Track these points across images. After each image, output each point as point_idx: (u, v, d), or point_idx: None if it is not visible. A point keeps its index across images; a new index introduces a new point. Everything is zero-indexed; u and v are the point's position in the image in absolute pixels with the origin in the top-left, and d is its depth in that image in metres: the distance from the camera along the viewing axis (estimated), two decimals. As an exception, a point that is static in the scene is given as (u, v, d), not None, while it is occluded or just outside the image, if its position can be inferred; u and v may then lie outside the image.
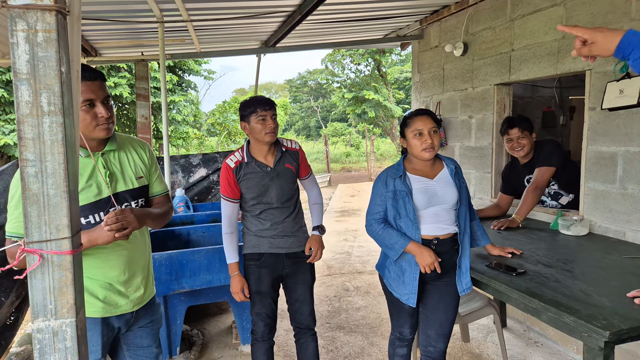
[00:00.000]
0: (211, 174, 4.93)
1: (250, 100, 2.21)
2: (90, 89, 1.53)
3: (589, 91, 2.85)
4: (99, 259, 1.66)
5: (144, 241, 1.85)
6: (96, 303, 1.68)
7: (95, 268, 1.66)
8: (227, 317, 3.84)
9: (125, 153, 1.76)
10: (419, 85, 4.92)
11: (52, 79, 0.98)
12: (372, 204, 2.15)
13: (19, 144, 0.99)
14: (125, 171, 1.73)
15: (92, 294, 1.67)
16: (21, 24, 0.94)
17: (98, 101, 1.56)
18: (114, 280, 1.70)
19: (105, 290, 1.69)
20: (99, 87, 1.57)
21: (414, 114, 2.09)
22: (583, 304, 1.69)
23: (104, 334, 1.72)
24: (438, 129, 2.06)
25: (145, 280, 1.83)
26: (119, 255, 1.70)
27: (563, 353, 3.03)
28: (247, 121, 2.21)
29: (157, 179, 1.88)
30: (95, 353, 1.71)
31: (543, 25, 3.16)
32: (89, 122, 1.55)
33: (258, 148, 2.27)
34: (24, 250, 1.07)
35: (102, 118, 1.57)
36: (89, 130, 1.57)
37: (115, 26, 3.73)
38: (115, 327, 1.77)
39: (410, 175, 2.08)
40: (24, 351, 3.21)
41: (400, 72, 24.81)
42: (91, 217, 1.61)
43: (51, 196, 1.04)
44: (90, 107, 1.54)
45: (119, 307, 1.73)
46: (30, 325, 3.05)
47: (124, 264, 1.72)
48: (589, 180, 2.91)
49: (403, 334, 2.21)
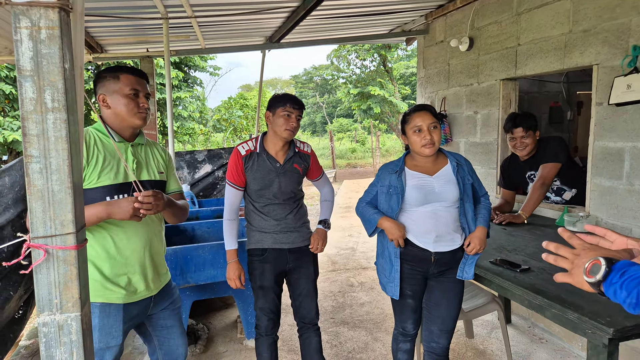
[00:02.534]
0: (216, 170, 4.95)
1: (283, 95, 2.26)
2: (137, 82, 1.80)
3: (596, 86, 2.82)
4: (120, 246, 1.78)
5: (161, 228, 1.98)
6: (118, 290, 1.78)
7: (116, 255, 1.77)
8: (232, 311, 3.86)
9: (150, 149, 1.96)
10: (424, 81, 4.90)
11: (55, 75, 0.99)
12: (366, 191, 2.22)
13: (23, 140, 1.00)
14: (149, 164, 1.92)
15: (114, 281, 1.78)
16: (25, 21, 0.95)
17: (142, 93, 1.81)
18: (134, 267, 1.82)
19: (126, 276, 1.80)
20: (144, 83, 1.84)
21: (412, 110, 2.07)
22: (587, 300, 1.68)
23: (125, 320, 1.82)
24: (439, 124, 2.04)
25: (161, 266, 1.97)
26: (138, 241, 1.82)
27: (568, 349, 3.02)
28: (273, 112, 2.25)
29: (173, 177, 2.05)
30: (117, 338, 1.81)
31: (550, 20, 3.13)
32: (132, 107, 1.78)
33: (273, 142, 2.29)
34: (29, 245, 1.08)
35: (143, 107, 1.81)
36: (130, 115, 1.78)
37: (120, 22, 3.74)
38: (135, 313, 1.87)
39: (408, 172, 2.07)
40: (32, 344, 3.25)
41: (406, 67, 24.70)
42: (116, 197, 1.76)
43: (56, 192, 1.05)
44: (135, 97, 1.78)
45: (138, 293, 1.84)
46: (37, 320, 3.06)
47: (143, 250, 1.84)
48: (595, 176, 2.89)
49: (406, 329, 2.22)
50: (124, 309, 1.81)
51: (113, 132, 1.80)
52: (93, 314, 1.76)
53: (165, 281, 2.01)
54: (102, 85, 1.76)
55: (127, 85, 1.76)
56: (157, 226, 1.94)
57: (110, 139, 1.78)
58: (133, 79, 1.79)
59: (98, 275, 1.76)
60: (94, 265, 1.76)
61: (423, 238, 2.06)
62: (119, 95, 1.75)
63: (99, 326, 1.76)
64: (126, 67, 1.81)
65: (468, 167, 2.11)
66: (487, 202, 2.15)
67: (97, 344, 1.77)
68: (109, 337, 1.78)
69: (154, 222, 1.91)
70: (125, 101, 1.76)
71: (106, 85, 1.76)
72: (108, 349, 1.79)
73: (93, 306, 1.76)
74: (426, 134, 1.99)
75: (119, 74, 1.77)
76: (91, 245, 1.74)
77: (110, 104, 1.76)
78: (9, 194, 2.60)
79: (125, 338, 1.87)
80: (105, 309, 1.77)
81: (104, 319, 1.77)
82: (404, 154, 2.17)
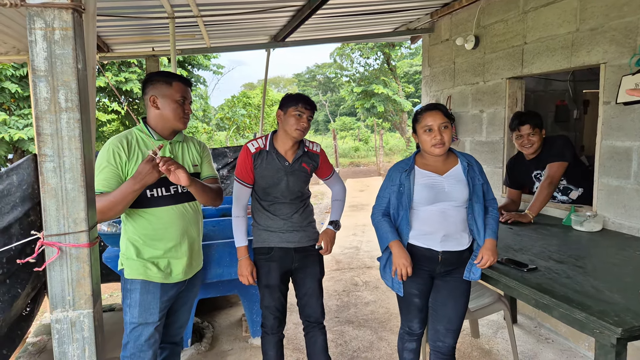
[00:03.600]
0: (221, 169, 4.96)
1: (296, 95, 2.27)
2: (185, 90, 2.01)
3: (604, 85, 2.81)
4: (158, 234, 1.97)
5: (197, 219, 2.14)
6: (157, 270, 1.97)
7: (154, 241, 1.97)
8: (237, 310, 3.88)
9: (187, 145, 2.13)
10: (429, 79, 4.89)
11: (69, 75, 1.00)
12: (379, 195, 2.21)
13: (36, 139, 1.01)
14: (185, 158, 2.10)
15: (153, 262, 1.97)
16: (39, 22, 0.96)
17: (187, 101, 2.02)
18: (171, 252, 2.00)
19: (165, 260, 1.99)
20: (190, 92, 2.04)
21: (424, 109, 2.07)
22: (595, 300, 1.68)
23: (163, 300, 2.01)
24: (450, 124, 2.04)
25: (197, 254, 2.16)
26: (175, 230, 2.00)
27: (574, 350, 3.02)
28: (284, 110, 2.25)
29: (207, 164, 2.21)
30: (154, 315, 1.99)
31: (557, 18, 3.12)
32: (179, 112, 1.98)
33: (283, 140, 2.29)
34: (43, 243, 1.09)
35: (187, 113, 2.03)
36: (176, 119, 1.98)
37: (127, 22, 3.76)
38: (171, 294, 2.05)
39: (418, 170, 2.08)
40: (39, 341, 3.27)
41: (409, 65, 24.67)
42: (155, 190, 1.95)
43: (69, 190, 1.06)
44: (182, 103, 1.99)
45: (174, 276, 2.03)
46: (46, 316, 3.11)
47: (180, 237, 2.02)
48: (602, 176, 2.88)
49: (412, 328, 2.22)
50: (162, 288, 2.00)
51: (153, 132, 1.99)
52: (134, 290, 1.97)
53: (199, 267, 2.22)
54: (153, 87, 1.94)
55: (178, 92, 1.96)
56: (193, 216, 2.09)
57: (150, 138, 1.97)
58: (183, 87, 1.99)
59: (137, 256, 1.95)
60: (134, 247, 1.97)
61: (430, 237, 2.06)
62: (169, 100, 1.94)
63: (139, 301, 1.95)
64: (178, 75, 2.00)
65: (478, 168, 2.11)
66: (495, 212, 2.14)
67: (137, 318, 1.96)
68: (147, 313, 1.96)
69: (190, 212, 2.07)
70: (174, 106, 1.95)
71: (158, 88, 1.94)
72: (146, 324, 1.97)
73: (135, 283, 1.97)
74: (437, 134, 1.99)
75: (172, 80, 1.95)
76: (132, 230, 1.97)
77: (160, 106, 1.94)
78: (17, 192, 2.61)
79: (162, 318, 2.03)
80: (145, 285, 1.96)
81: (144, 294, 1.95)
82: (414, 153, 2.18)
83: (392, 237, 2.08)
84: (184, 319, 2.27)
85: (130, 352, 1.98)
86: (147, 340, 1.98)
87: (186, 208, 2.05)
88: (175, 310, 2.20)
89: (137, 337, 1.97)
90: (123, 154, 1.87)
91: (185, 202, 2.05)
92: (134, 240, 1.97)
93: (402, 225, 2.09)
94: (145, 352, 1.98)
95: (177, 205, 2.01)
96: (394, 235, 2.08)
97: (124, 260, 1.99)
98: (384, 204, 2.16)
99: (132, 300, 1.97)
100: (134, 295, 1.96)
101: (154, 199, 1.96)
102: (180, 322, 2.26)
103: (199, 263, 2.21)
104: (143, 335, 1.97)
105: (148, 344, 1.98)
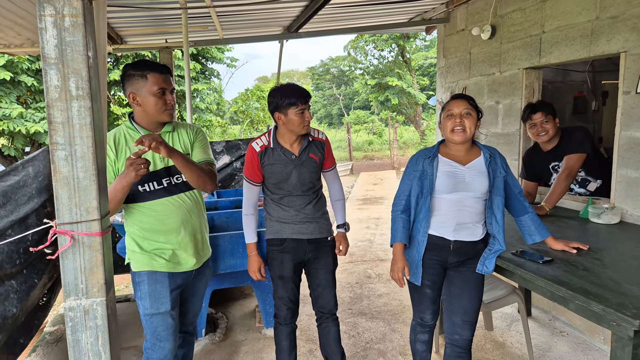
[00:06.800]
0: (234, 161, 4.97)
1: (288, 91, 2.16)
2: (163, 80, 1.88)
3: (624, 74, 2.73)
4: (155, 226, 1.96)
5: (198, 207, 2.11)
6: (163, 261, 1.97)
7: (152, 233, 1.96)
8: (251, 301, 3.90)
9: (177, 134, 2.06)
10: (444, 71, 4.82)
11: (79, 63, 1.00)
12: (400, 186, 2.18)
13: (49, 127, 1.01)
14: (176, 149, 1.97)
15: (157, 253, 1.97)
16: (49, 8, 0.95)
17: (168, 90, 1.91)
18: (174, 243, 1.99)
19: (169, 250, 1.99)
20: (169, 79, 1.92)
21: (450, 98, 2.09)
22: (613, 292, 1.64)
23: (172, 288, 2.01)
24: (474, 112, 2.01)
25: (201, 243, 2.14)
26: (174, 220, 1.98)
27: (589, 343, 2.97)
28: (283, 112, 2.16)
29: (199, 148, 2.10)
30: (165, 304, 1.99)
31: (576, 6, 3.04)
32: (160, 106, 1.89)
33: (287, 136, 2.26)
34: (55, 231, 1.10)
35: (170, 104, 1.92)
36: (159, 112, 1.90)
37: (140, 13, 3.77)
38: (180, 282, 2.05)
39: (441, 158, 2.06)
40: (57, 331, 3.34)
41: (424, 58, 24.39)
42: (147, 185, 1.93)
43: (81, 179, 1.06)
44: (162, 95, 1.89)
45: (182, 265, 2.03)
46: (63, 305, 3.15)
47: (180, 227, 2.00)
48: (621, 167, 2.81)
49: (424, 319, 2.21)
50: (170, 277, 2.00)
51: (140, 128, 1.94)
52: (142, 282, 1.96)
53: (206, 256, 2.20)
54: (130, 83, 1.87)
55: (155, 85, 1.86)
56: (192, 206, 2.06)
57: (138, 134, 1.93)
58: (160, 77, 1.88)
59: (142, 250, 1.96)
60: (135, 242, 1.97)
61: (443, 226, 2.04)
62: (147, 94, 1.87)
63: (148, 292, 1.96)
64: (151, 64, 1.89)
65: (502, 161, 2.08)
66: (533, 214, 2.16)
67: (149, 309, 1.97)
68: (158, 302, 1.96)
69: (188, 202, 2.04)
70: (154, 100, 1.87)
71: (134, 84, 1.86)
72: (158, 314, 1.98)
73: (142, 275, 1.97)
74: (457, 118, 1.98)
75: (146, 73, 1.86)
76: (131, 224, 1.97)
77: (140, 102, 1.88)
78: (33, 183, 2.65)
79: (173, 308, 2.03)
80: (153, 275, 1.97)
81: (152, 284, 1.96)
82: (438, 142, 2.16)
83: (398, 239, 2.09)
84: (196, 308, 2.28)
85: (151, 342, 2.00)
86: (164, 329, 1.99)
87: (182, 198, 2.02)
88: (186, 299, 2.21)
89: (155, 328, 1.98)
90: (111, 153, 1.87)
91: (181, 193, 2.02)
92: (133, 234, 1.97)
93: (421, 213, 2.07)
94: (164, 341, 2.00)
95: (172, 196, 1.99)
96: (402, 237, 2.09)
97: (130, 254, 2.00)
98: (404, 198, 2.13)
99: (142, 293, 1.97)
100: (143, 287, 1.97)
101: (146, 193, 1.94)
102: (193, 312, 2.27)
103: (206, 252, 2.20)
104: (159, 326, 1.98)
105: (166, 333, 2.00)
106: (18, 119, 8.16)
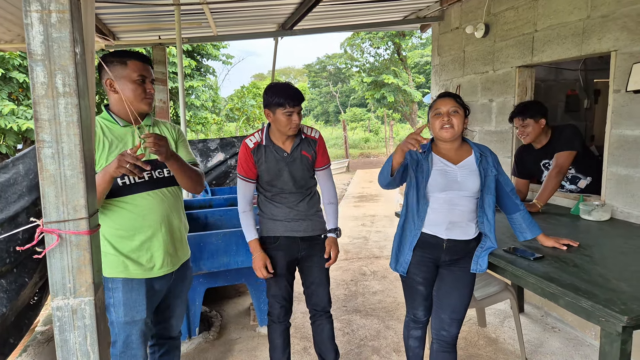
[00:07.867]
0: (229, 159, 4.96)
1: (280, 91, 2.14)
2: (144, 67, 1.84)
3: (614, 73, 2.75)
4: (134, 223, 1.84)
5: (179, 205, 2.03)
6: (138, 266, 1.86)
7: (131, 233, 1.84)
8: (245, 299, 3.90)
9: (159, 130, 2.00)
10: (438, 68, 4.83)
11: (66, 60, 0.99)
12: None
13: (35, 125, 1.00)
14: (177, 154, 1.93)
15: (133, 257, 1.85)
16: (35, 4, 0.95)
17: (148, 79, 1.86)
18: (152, 243, 1.89)
19: (146, 252, 1.88)
20: (149, 69, 1.88)
21: (437, 97, 2.08)
22: (601, 288, 1.66)
23: (148, 295, 1.90)
24: (462, 110, 2.01)
25: (180, 243, 2.03)
26: (154, 218, 1.88)
27: (581, 338, 2.99)
28: (272, 111, 2.16)
29: (183, 149, 2.07)
30: (141, 312, 1.88)
31: (567, 5, 3.05)
32: (139, 93, 1.83)
33: (278, 134, 2.26)
34: (42, 230, 1.09)
35: (150, 93, 1.87)
36: (138, 100, 1.84)
37: (133, 9, 3.74)
38: (157, 288, 1.95)
39: (434, 156, 2.06)
40: (48, 330, 3.32)
41: (420, 55, 24.38)
42: (126, 178, 1.83)
43: (68, 177, 1.05)
44: (142, 82, 1.83)
45: (160, 269, 1.92)
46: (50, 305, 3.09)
47: (160, 226, 1.90)
48: (611, 165, 2.83)
49: (417, 316, 2.22)
50: (146, 283, 1.89)
51: (118, 118, 1.87)
52: (116, 289, 1.84)
53: (186, 257, 2.10)
54: (108, 70, 1.79)
55: (135, 72, 1.81)
56: (173, 202, 1.97)
57: (116, 125, 1.86)
58: (140, 65, 1.83)
59: (116, 252, 1.84)
60: (109, 243, 1.84)
61: (436, 224, 2.05)
62: (126, 81, 1.80)
63: (123, 300, 1.85)
64: (132, 53, 1.84)
65: (493, 160, 2.08)
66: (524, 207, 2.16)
67: (123, 317, 1.86)
68: (133, 311, 1.86)
69: (169, 197, 1.95)
70: (133, 87, 1.81)
71: (113, 70, 1.79)
72: (134, 323, 1.88)
73: (116, 282, 1.84)
74: (445, 117, 1.98)
75: (126, 59, 1.80)
76: (106, 224, 1.83)
77: (118, 89, 1.80)
78: (24, 181, 2.63)
79: (151, 313, 1.95)
80: (128, 283, 1.85)
81: (127, 293, 1.85)
82: (430, 139, 2.14)
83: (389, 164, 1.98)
84: (179, 312, 2.18)
85: (120, 350, 1.89)
86: (137, 337, 1.90)
87: (164, 193, 1.93)
88: (168, 304, 2.10)
89: (127, 336, 1.88)
90: None
91: (164, 187, 1.93)
92: (108, 234, 1.83)
93: (415, 208, 2.06)
94: (136, 349, 1.91)
95: (154, 190, 1.89)
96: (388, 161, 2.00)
97: (102, 256, 1.84)
98: None
99: (115, 300, 1.85)
100: (117, 295, 1.84)
101: (126, 186, 1.82)
102: (177, 317, 2.18)
103: (185, 253, 2.09)
104: (132, 334, 1.88)
105: (139, 342, 1.91)
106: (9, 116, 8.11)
